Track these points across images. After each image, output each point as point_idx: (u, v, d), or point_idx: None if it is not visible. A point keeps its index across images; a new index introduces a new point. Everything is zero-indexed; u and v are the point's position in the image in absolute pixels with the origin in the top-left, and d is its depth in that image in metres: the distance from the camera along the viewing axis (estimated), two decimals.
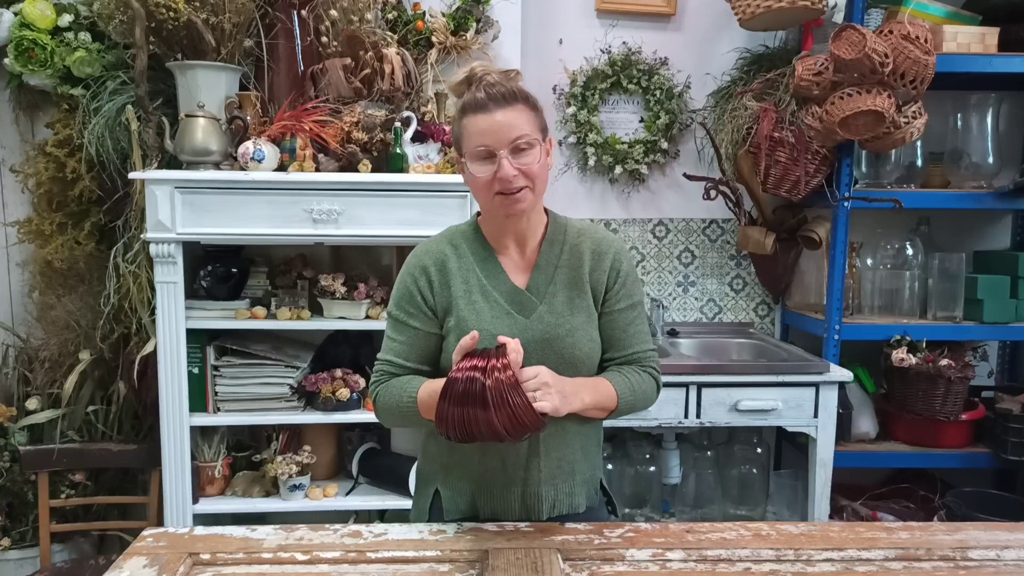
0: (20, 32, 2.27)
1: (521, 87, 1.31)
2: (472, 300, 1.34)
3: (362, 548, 1.24)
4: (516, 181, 1.26)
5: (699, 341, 2.75)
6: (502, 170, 1.25)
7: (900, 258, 2.69)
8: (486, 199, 1.31)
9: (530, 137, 1.27)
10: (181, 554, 1.20)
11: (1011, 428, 2.46)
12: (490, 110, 1.26)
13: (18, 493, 2.40)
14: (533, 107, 1.31)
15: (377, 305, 2.33)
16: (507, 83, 1.29)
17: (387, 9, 2.46)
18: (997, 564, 1.24)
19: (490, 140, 1.26)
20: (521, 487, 1.36)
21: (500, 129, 1.26)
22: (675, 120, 2.76)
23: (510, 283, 1.36)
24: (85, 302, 2.43)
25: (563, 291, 1.36)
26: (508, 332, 1.30)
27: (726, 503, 2.71)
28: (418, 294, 1.35)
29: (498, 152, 1.26)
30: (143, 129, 2.25)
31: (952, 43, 2.42)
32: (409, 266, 1.38)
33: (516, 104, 1.27)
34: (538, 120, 1.31)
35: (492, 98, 1.26)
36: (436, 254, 1.37)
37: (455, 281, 1.35)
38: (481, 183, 1.29)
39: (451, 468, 1.39)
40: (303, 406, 2.36)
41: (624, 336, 1.39)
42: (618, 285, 1.38)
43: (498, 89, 1.27)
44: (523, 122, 1.27)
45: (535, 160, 1.28)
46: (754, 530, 1.32)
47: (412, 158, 2.26)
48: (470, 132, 1.29)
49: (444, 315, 1.35)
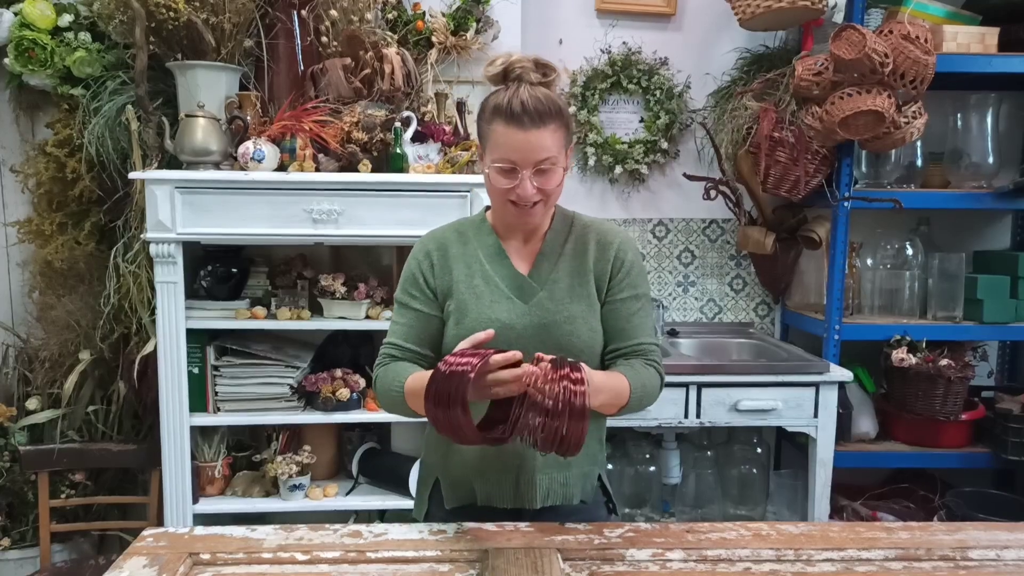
0: (20, 32, 2.27)
1: (555, 99, 1.28)
2: (473, 284, 1.35)
3: (362, 548, 1.23)
4: (533, 198, 1.29)
5: (699, 341, 2.75)
6: (522, 189, 1.27)
7: (900, 258, 2.69)
8: (499, 203, 1.33)
9: (555, 158, 1.28)
10: (181, 554, 1.20)
11: (1011, 428, 2.46)
12: (524, 127, 1.24)
13: (18, 493, 2.40)
14: (564, 122, 1.30)
15: (377, 305, 2.33)
16: (544, 97, 1.26)
17: (387, 9, 2.46)
18: (997, 564, 1.24)
19: (516, 157, 1.26)
20: (516, 473, 1.37)
21: (529, 149, 1.25)
22: (675, 120, 2.76)
23: (513, 269, 1.38)
24: (85, 302, 2.43)
25: (565, 278, 1.37)
26: (506, 316, 1.32)
27: (726, 503, 2.71)
28: (420, 276, 1.38)
29: (521, 171, 1.26)
30: (143, 129, 2.25)
31: (952, 43, 2.42)
32: (414, 252, 1.41)
33: (549, 124, 1.26)
34: (566, 135, 1.31)
35: (528, 114, 1.24)
36: (440, 239, 1.41)
37: (457, 265, 1.37)
38: (499, 189, 1.30)
39: (450, 456, 1.40)
40: (303, 406, 2.36)
41: (627, 327, 1.39)
42: (622, 274, 1.39)
43: (534, 105, 1.24)
44: (551, 143, 1.27)
45: (555, 181, 1.30)
46: (754, 530, 1.32)
47: (412, 158, 2.26)
48: (497, 141, 1.28)
49: (444, 298, 1.37)
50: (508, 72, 1.28)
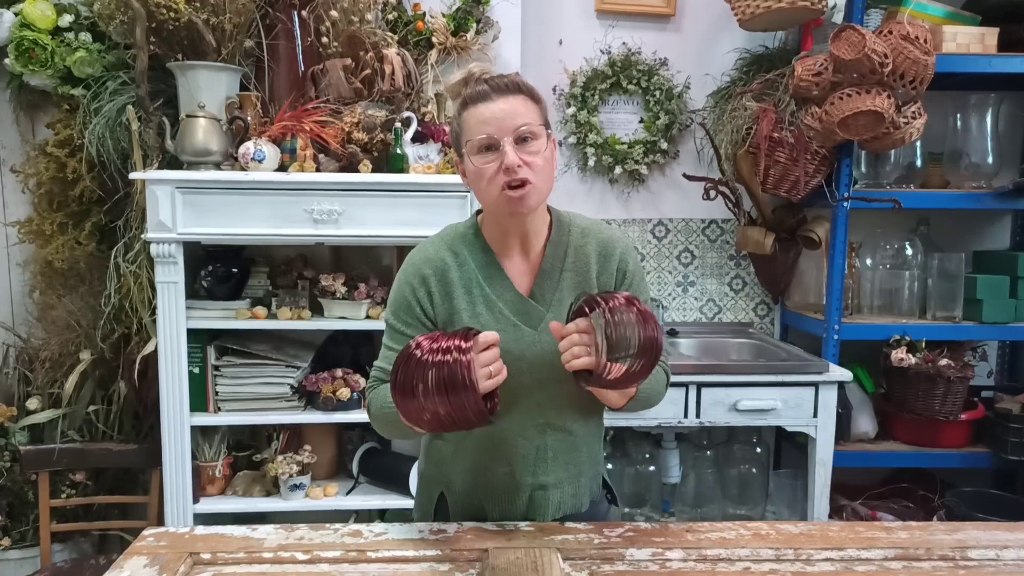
0: (20, 32, 2.27)
1: (521, 79, 1.27)
2: (476, 313, 1.29)
3: (362, 548, 1.24)
4: (521, 171, 1.20)
5: (699, 341, 2.76)
6: (507, 157, 1.20)
7: (899, 258, 2.69)
8: (489, 197, 1.24)
9: (534, 126, 1.23)
10: (181, 554, 1.21)
11: (1011, 428, 2.46)
12: (492, 99, 1.22)
13: (18, 493, 2.40)
14: (536, 99, 1.27)
15: (377, 305, 2.34)
16: (508, 76, 1.26)
17: (387, 10, 2.46)
18: (997, 564, 1.24)
19: (492, 128, 1.21)
20: (529, 492, 1.35)
21: (503, 117, 1.21)
22: (675, 120, 2.77)
23: (514, 290, 1.31)
24: (86, 302, 2.43)
25: (570, 297, 1.31)
26: (515, 347, 1.27)
27: (726, 503, 2.71)
28: (417, 305, 1.30)
29: (501, 140, 1.21)
30: (144, 129, 2.25)
31: (952, 43, 2.42)
32: (407, 273, 1.32)
33: (519, 94, 1.24)
34: (541, 113, 1.27)
35: (494, 88, 1.23)
36: (436, 262, 1.31)
37: (457, 292, 1.30)
38: (485, 176, 1.22)
39: (457, 475, 1.37)
40: (303, 406, 2.37)
41: None
42: (624, 285, 1.35)
43: (499, 80, 1.24)
44: (525, 109, 1.23)
45: (540, 150, 1.23)
46: (754, 530, 1.32)
47: (412, 158, 2.26)
48: (470, 124, 1.24)
49: (444, 327, 1.29)
50: (468, 80, 1.28)
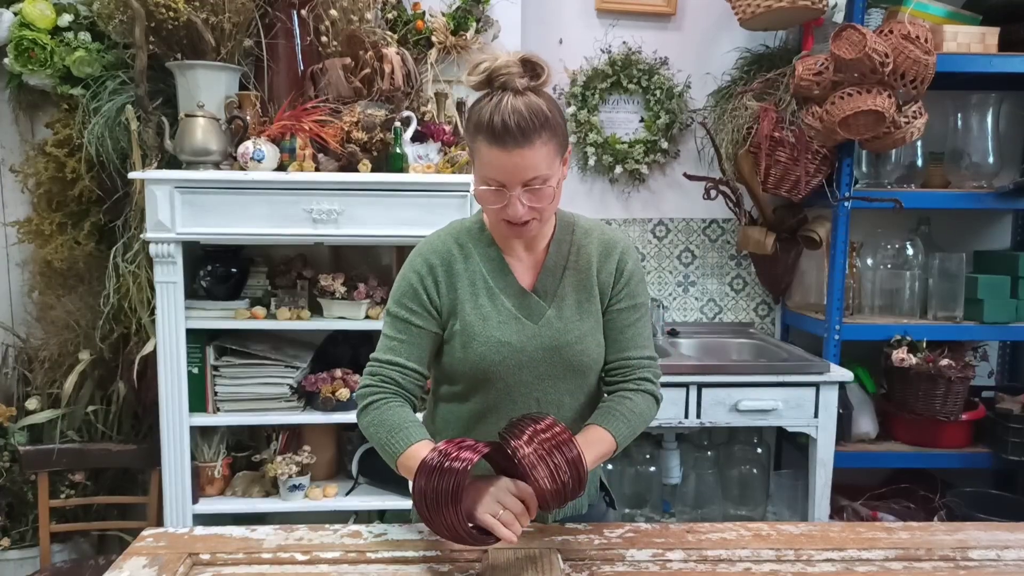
0: (20, 32, 2.27)
1: (542, 109, 1.17)
2: (479, 304, 1.29)
3: (362, 548, 1.23)
4: (524, 217, 1.20)
5: (699, 341, 2.75)
6: (512, 209, 1.19)
7: (900, 258, 2.69)
8: (491, 218, 1.28)
9: (546, 174, 1.19)
10: (181, 554, 1.20)
11: (1011, 428, 2.46)
12: (507, 147, 1.15)
13: (18, 493, 2.40)
14: (553, 132, 1.18)
15: (377, 305, 2.33)
16: (528, 108, 1.15)
17: (387, 9, 2.46)
18: (997, 564, 1.24)
19: (503, 178, 1.18)
20: None
21: (515, 170, 1.16)
22: (675, 120, 2.76)
23: (517, 285, 1.32)
24: (85, 302, 2.43)
25: (572, 294, 1.32)
26: (516, 339, 1.28)
27: (726, 503, 2.71)
28: (423, 292, 1.29)
29: (509, 191, 1.18)
30: (143, 129, 2.25)
31: (952, 43, 2.42)
32: (414, 263, 1.31)
33: (535, 140, 1.15)
34: (557, 145, 1.20)
35: (511, 134, 1.14)
36: (443, 253, 1.31)
37: (461, 282, 1.30)
38: (489, 205, 1.22)
39: None
40: (303, 406, 2.36)
41: (620, 338, 1.34)
42: (621, 284, 1.35)
43: (517, 121, 1.14)
44: (540, 159, 1.17)
45: (548, 197, 1.21)
46: (754, 530, 1.32)
47: (412, 158, 2.26)
48: (483, 160, 1.19)
49: (448, 317, 1.30)
50: (492, 79, 1.17)
